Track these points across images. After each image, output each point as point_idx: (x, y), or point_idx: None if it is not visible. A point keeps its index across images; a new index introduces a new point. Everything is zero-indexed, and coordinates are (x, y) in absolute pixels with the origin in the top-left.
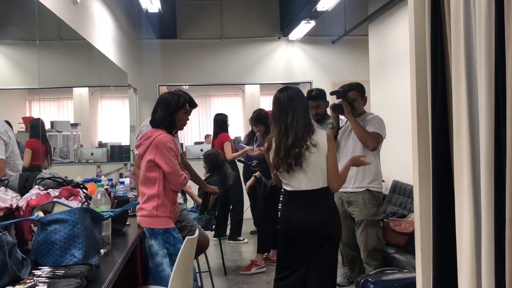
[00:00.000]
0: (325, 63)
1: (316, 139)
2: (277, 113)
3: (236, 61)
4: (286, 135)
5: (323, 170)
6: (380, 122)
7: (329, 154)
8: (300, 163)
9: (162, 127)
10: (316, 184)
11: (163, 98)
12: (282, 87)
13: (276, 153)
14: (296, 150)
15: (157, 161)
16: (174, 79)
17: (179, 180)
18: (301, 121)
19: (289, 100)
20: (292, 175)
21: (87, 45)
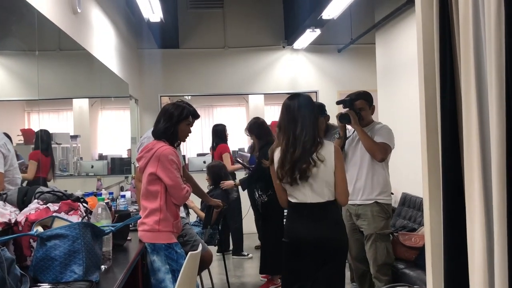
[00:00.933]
0: (331, 72)
1: (324, 153)
2: (286, 122)
3: (240, 70)
4: (294, 147)
5: (330, 183)
6: (389, 132)
7: (337, 167)
8: (306, 177)
9: (164, 138)
10: (321, 197)
11: (166, 109)
12: (292, 94)
13: (281, 164)
14: (304, 165)
15: (159, 174)
16: (176, 89)
17: (181, 194)
18: (309, 133)
19: (299, 109)
20: (296, 187)
21: (87, 55)
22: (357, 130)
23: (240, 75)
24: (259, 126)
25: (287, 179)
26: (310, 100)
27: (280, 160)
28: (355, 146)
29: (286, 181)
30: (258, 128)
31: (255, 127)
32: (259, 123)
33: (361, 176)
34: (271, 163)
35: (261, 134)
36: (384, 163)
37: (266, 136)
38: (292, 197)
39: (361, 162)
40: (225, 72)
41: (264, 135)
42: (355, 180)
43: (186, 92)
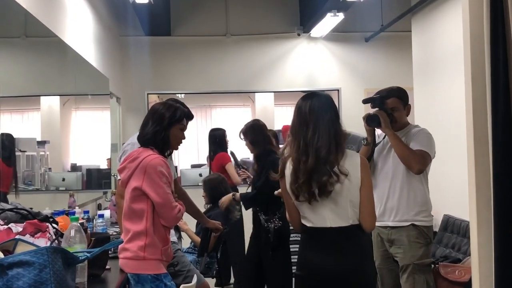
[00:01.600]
0: (356, 66)
1: (347, 165)
2: (297, 126)
3: (245, 63)
4: (306, 154)
5: (355, 203)
6: (428, 137)
7: (364, 183)
8: (327, 193)
9: (152, 145)
10: (344, 221)
11: (155, 110)
12: (307, 94)
13: (294, 177)
14: (323, 178)
15: (145, 189)
16: (167, 85)
17: (172, 213)
18: (324, 138)
19: (312, 111)
20: (314, 207)
21: (59, 43)
22: (388, 135)
23: (245, 69)
24: (256, 130)
25: (304, 195)
26: (328, 100)
27: (293, 172)
28: (386, 154)
29: (303, 198)
30: (254, 133)
31: (251, 131)
32: (257, 126)
33: (394, 192)
34: (281, 176)
35: (257, 140)
36: (423, 176)
37: (263, 143)
38: (307, 220)
39: (394, 175)
40: (227, 65)
41: (260, 141)
42: (386, 197)
43: (179, 89)
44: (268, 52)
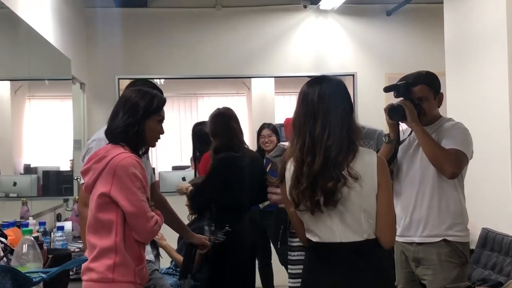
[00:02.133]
0: (375, 45)
1: (360, 167)
2: (302, 118)
3: (238, 42)
4: (312, 154)
5: (370, 213)
6: (464, 133)
7: (382, 188)
8: (333, 201)
9: (123, 142)
10: (358, 234)
11: (128, 98)
12: (314, 78)
13: (295, 182)
14: (329, 183)
15: (114, 196)
16: (143, 69)
17: (147, 226)
18: (335, 135)
19: (322, 99)
20: (319, 218)
21: (9, 16)
22: (415, 130)
23: (239, 49)
24: (219, 120)
25: (306, 203)
26: (341, 86)
27: (294, 175)
28: (413, 154)
29: (305, 208)
30: (215, 123)
31: (212, 121)
32: (220, 115)
33: (422, 201)
34: (280, 180)
35: (216, 133)
36: (457, 182)
37: (224, 137)
38: (312, 233)
39: (422, 180)
40: (217, 44)
41: (221, 134)
42: (413, 206)
43: (157, 74)
44: (267, 28)
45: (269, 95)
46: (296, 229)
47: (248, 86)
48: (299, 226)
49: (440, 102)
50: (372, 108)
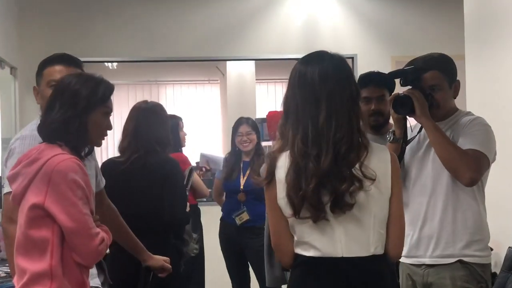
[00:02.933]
0: (379, 22)
1: (374, 164)
2: (300, 102)
3: (209, 16)
4: (318, 147)
5: (381, 220)
6: (486, 130)
7: (395, 192)
8: (347, 206)
9: (61, 140)
10: (364, 249)
11: (66, 85)
12: (311, 54)
13: (296, 181)
14: (343, 185)
15: (49, 208)
16: (90, 49)
17: (91, 245)
18: (344, 126)
19: (324, 79)
20: (321, 227)
21: None
22: (426, 126)
23: (211, 25)
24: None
25: (309, 209)
26: (345, 64)
27: (293, 173)
28: (424, 156)
29: (307, 214)
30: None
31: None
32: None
33: (434, 213)
34: (268, 181)
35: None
36: (477, 190)
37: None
38: (308, 246)
39: (435, 187)
40: (183, 19)
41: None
42: (423, 220)
43: (109, 55)
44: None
45: (248, 83)
46: (279, 245)
47: (223, 71)
48: (285, 240)
49: (457, 91)
50: None
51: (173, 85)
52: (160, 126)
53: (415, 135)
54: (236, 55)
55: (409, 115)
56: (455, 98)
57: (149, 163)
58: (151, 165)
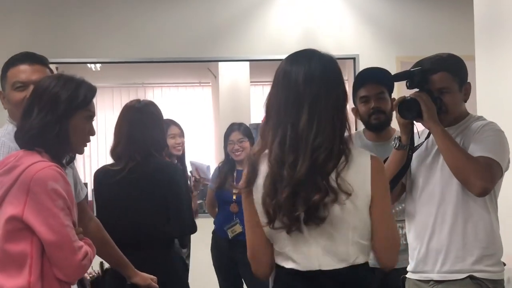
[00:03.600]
0: (383, 20)
1: (351, 176)
2: (282, 103)
3: (201, 15)
4: (295, 153)
5: (362, 232)
6: (498, 136)
7: (376, 201)
8: (318, 219)
9: (40, 147)
10: (342, 260)
11: (44, 88)
12: (298, 53)
13: (272, 189)
14: (315, 196)
15: (28, 220)
16: (72, 50)
17: (73, 260)
18: (326, 132)
19: (309, 80)
20: (296, 239)
21: None
22: (434, 132)
23: (202, 24)
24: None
25: (283, 219)
26: (334, 65)
27: (269, 179)
28: (432, 164)
29: (280, 224)
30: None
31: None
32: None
33: (442, 225)
34: (249, 184)
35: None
36: (489, 200)
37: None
38: (286, 257)
39: (443, 197)
40: (172, 17)
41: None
42: (431, 232)
43: (92, 56)
44: None
45: (242, 85)
46: (257, 255)
47: (215, 73)
48: (262, 250)
49: (467, 94)
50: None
51: (161, 88)
52: (156, 128)
53: (423, 141)
54: (229, 56)
55: (416, 120)
56: (465, 101)
57: (148, 169)
58: (151, 171)
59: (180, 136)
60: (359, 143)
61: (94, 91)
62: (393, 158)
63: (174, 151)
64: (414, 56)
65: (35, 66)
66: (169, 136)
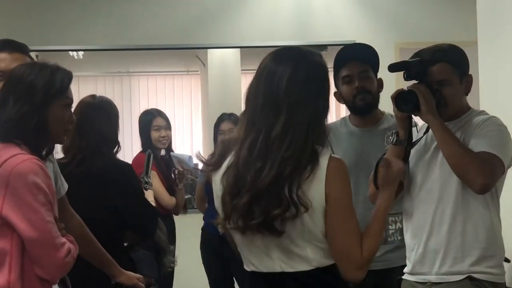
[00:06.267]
0: (382, 4)
1: (312, 189)
2: (259, 102)
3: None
4: (263, 159)
5: (317, 236)
6: (501, 131)
7: (331, 204)
8: (274, 230)
9: (18, 139)
10: (305, 262)
11: (19, 77)
12: (285, 50)
13: (233, 187)
14: (275, 210)
15: (7, 216)
16: (53, 37)
17: (55, 257)
18: (297, 145)
19: (291, 89)
20: (252, 241)
21: None
22: (433, 126)
23: (189, 8)
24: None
25: (238, 221)
26: (321, 70)
27: (232, 178)
28: (431, 160)
29: (234, 225)
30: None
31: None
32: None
33: (440, 224)
34: (214, 168)
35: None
36: (490, 198)
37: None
38: (247, 261)
39: (442, 194)
40: (159, 2)
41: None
42: (429, 231)
43: (74, 43)
44: None
45: (232, 74)
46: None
47: (204, 61)
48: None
49: (468, 87)
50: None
51: (147, 76)
52: (106, 124)
53: (421, 136)
54: (219, 42)
55: (414, 113)
56: (466, 94)
57: (94, 167)
58: (97, 169)
59: (166, 129)
60: (344, 130)
61: (71, 77)
62: (390, 154)
63: (159, 145)
64: (415, 42)
65: (15, 54)
66: (153, 128)
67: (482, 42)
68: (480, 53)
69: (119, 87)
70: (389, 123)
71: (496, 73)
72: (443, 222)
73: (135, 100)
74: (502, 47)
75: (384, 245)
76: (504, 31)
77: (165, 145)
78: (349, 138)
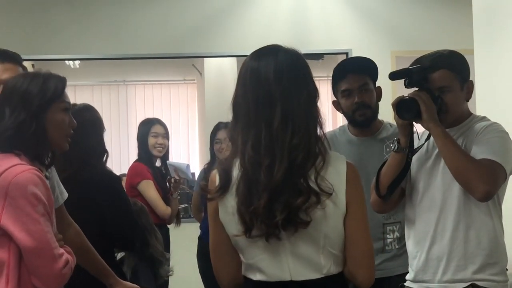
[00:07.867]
0: (378, 13)
1: (330, 176)
2: (252, 102)
3: (185, 8)
4: (271, 155)
5: (333, 241)
6: (502, 138)
7: (352, 209)
8: (301, 223)
9: (18, 148)
10: (315, 270)
11: (12, 88)
12: (262, 49)
13: (247, 195)
14: (298, 200)
15: (6, 226)
16: (49, 46)
17: (53, 268)
18: (302, 131)
19: (279, 78)
20: (272, 248)
21: None
22: (434, 134)
23: (186, 18)
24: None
25: (261, 226)
26: (301, 60)
27: (243, 185)
28: (432, 168)
29: (259, 232)
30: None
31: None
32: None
33: (443, 231)
34: (222, 190)
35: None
36: (492, 206)
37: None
38: (256, 268)
39: (445, 202)
40: (153, 10)
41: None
42: (431, 239)
43: (70, 53)
44: None
45: (229, 82)
46: (220, 268)
47: (200, 70)
48: (226, 262)
49: (469, 93)
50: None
51: (144, 85)
52: (90, 134)
53: (423, 143)
54: (215, 51)
55: (415, 121)
56: (467, 101)
57: (82, 180)
58: (86, 182)
59: (164, 137)
60: (343, 138)
61: (64, 81)
62: (392, 161)
63: (155, 152)
64: (411, 51)
65: (6, 64)
66: (150, 134)
67: (478, 50)
68: (476, 61)
69: (115, 96)
70: (388, 132)
71: (492, 80)
72: (445, 229)
73: (132, 109)
74: (498, 55)
75: (381, 254)
76: (500, 39)
77: (161, 154)
78: (348, 147)
